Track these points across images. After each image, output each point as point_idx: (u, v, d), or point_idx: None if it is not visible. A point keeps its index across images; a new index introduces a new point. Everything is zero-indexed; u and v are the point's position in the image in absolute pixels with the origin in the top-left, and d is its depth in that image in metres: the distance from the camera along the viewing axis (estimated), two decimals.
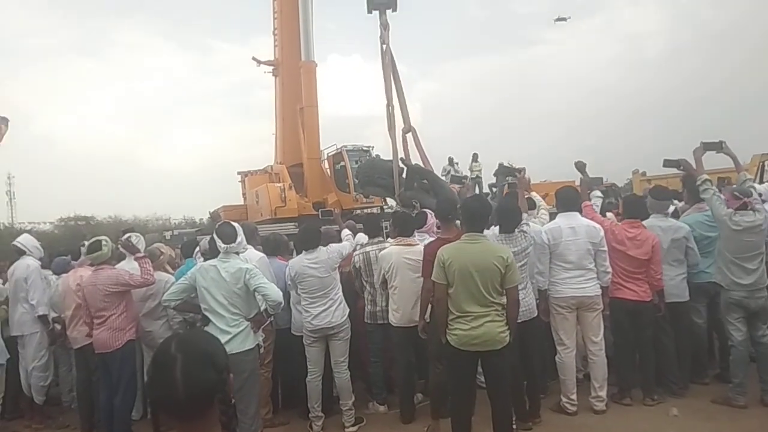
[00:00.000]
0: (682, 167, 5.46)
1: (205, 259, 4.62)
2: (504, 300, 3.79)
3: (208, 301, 4.11)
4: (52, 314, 5.66)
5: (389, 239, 5.46)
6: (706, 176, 4.92)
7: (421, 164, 8.27)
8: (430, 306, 4.41)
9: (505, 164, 5.53)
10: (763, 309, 4.64)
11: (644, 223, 5.08)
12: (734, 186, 4.91)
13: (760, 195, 5.40)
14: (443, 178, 10.99)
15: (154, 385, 1.36)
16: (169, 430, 1.40)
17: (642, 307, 4.82)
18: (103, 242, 4.82)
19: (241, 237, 4.25)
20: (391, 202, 11.28)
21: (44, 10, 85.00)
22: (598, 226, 4.87)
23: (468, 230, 3.91)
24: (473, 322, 3.71)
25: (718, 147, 5.13)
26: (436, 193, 7.35)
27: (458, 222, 4.60)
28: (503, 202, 5.61)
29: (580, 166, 5.81)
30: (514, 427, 4.03)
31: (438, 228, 5.11)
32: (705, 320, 5.13)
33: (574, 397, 4.73)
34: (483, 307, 3.71)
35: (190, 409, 1.32)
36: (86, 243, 4.95)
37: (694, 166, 5.13)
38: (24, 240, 5.97)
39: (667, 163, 5.48)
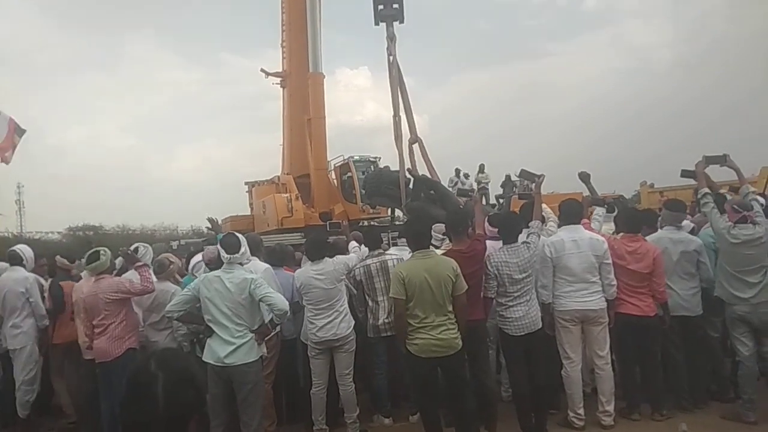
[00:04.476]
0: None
1: (210, 270, 4.61)
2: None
3: (212, 312, 4.10)
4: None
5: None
6: (706, 190, 4.89)
7: (428, 175, 8.26)
8: None
9: (526, 170, 5.48)
10: (767, 324, 4.55)
11: (654, 234, 5.05)
12: (734, 199, 4.85)
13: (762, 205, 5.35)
14: (450, 189, 10.97)
15: (132, 404, 1.30)
16: None
17: (646, 321, 4.75)
18: (102, 252, 4.82)
19: (244, 247, 4.25)
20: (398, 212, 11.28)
21: (57, 27, 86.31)
22: (601, 238, 4.83)
23: (416, 249, 4.17)
24: (432, 331, 3.98)
25: (722, 160, 5.09)
26: (443, 204, 7.34)
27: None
28: (503, 214, 5.61)
29: (585, 177, 5.77)
30: None
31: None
32: (720, 334, 5.03)
33: (581, 411, 4.66)
34: (440, 316, 3.99)
35: (169, 429, 1.28)
36: (86, 254, 4.94)
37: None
38: (23, 249, 5.85)
39: (685, 174, 5.40)
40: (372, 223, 13.09)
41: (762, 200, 5.28)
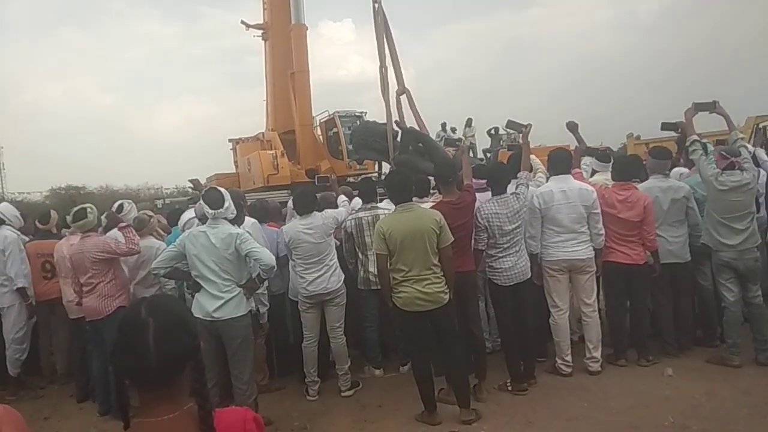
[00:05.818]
0: (680, 130, 5.36)
1: (202, 223, 4.52)
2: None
3: (199, 267, 4.04)
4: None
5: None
6: (695, 137, 4.83)
7: (416, 127, 8.11)
8: None
9: (513, 120, 5.36)
10: (752, 270, 4.62)
11: (644, 184, 5.03)
12: (722, 146, 4.80)
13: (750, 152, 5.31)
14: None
15: (124, 352, 1.25)
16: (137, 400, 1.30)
17: (635, 270, 4.79)
18: (89, 210, 4.72)
19: (228, 202, 4.15)
20: (385, 166, 11.14)
21: None
22: (591, 188, 4.80)
23: (398, 202, 4.13)
24: (417, 284, 3.94)
25: (711, 107, 4.98)
26: (432, 156, 7.23)
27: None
28: (492, 166, 5.55)
29: (572, 126, 5.68)
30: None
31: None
32: (711, 282, 5.04)
33: (568, 358, 4.74)
34: (424, 269, 3.94)
35: (162, 376, 1.24)
36: (72, 211, 4.83)
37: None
38: (3, 209, 5.77)
39: (665, 126, 5.36)
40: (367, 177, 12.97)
41: (750, 147, 5.26)
